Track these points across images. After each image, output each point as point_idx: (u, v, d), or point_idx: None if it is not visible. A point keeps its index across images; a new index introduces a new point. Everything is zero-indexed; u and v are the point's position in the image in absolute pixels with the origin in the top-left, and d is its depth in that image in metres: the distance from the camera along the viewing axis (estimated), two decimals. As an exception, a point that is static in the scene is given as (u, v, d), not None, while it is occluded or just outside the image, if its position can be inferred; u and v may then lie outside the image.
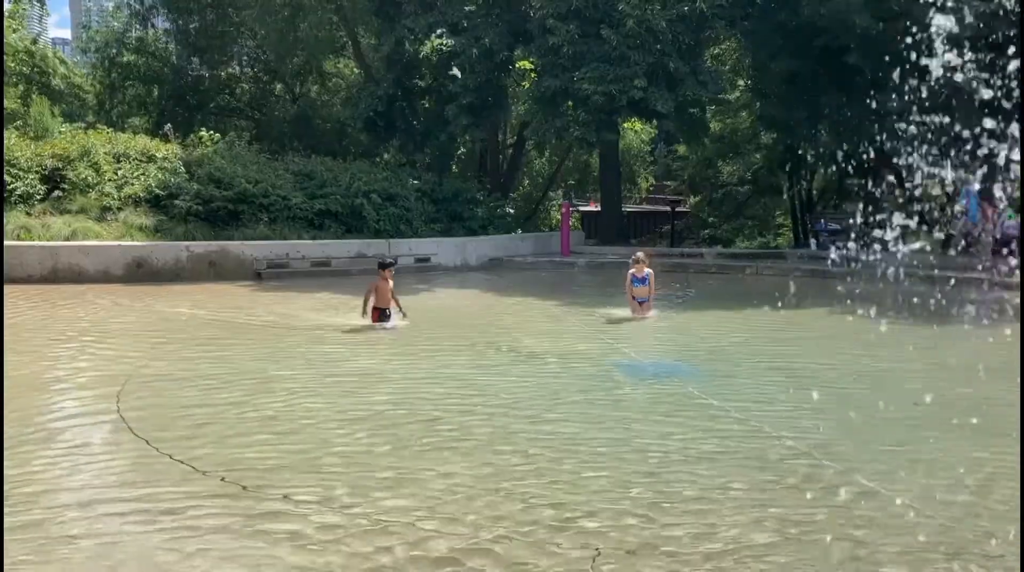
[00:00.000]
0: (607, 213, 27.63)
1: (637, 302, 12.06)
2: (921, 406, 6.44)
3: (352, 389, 7.51)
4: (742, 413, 6.71)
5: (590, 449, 5.78)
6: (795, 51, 21.66)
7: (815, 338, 11.12)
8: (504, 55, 22.81)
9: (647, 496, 4.85)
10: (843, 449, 5.79)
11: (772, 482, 5.11)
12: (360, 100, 25.61)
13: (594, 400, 7.29)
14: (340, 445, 5.78)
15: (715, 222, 37.56)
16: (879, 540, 4.25)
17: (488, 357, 9.22)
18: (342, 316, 11.62)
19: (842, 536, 4.30)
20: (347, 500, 4.71)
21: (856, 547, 4.18)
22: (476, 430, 6.23)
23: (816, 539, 4.26)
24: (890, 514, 4.59)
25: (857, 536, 4.30)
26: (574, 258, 21.55)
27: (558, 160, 35.23)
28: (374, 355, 9.16)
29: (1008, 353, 9.34)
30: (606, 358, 9.28)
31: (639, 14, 19.66)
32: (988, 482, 5.13)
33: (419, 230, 20.34)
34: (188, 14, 29.35)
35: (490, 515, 4.53)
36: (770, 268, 19.93)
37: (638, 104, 20.95)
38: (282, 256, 17.14)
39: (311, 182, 19.68)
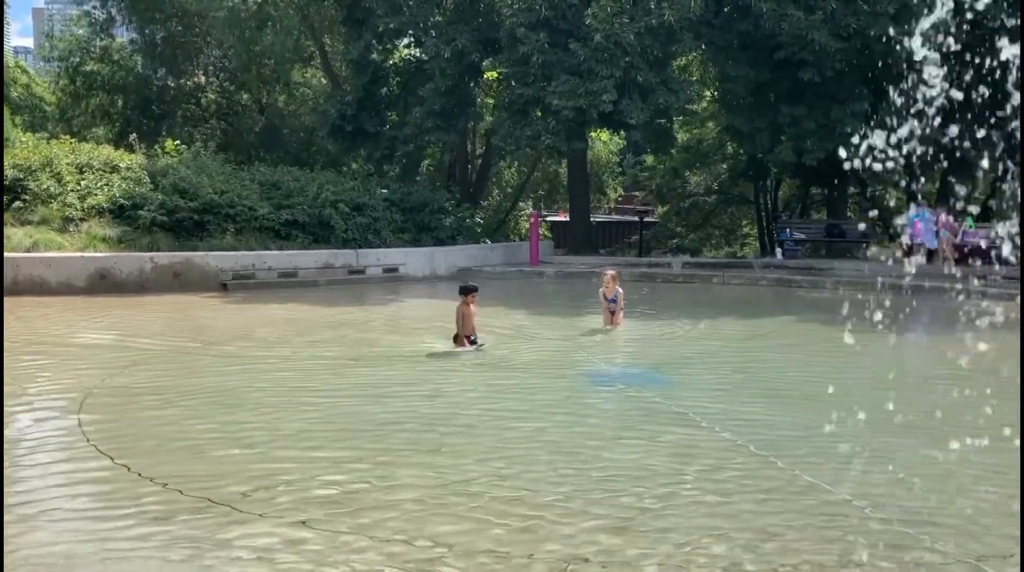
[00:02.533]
0: (576, 223, 27.74)
1: (609, 312, 11.86)
2: (878, 410, 6.53)
3: (318, 403, 7.45)
4: (707, 421, 6.74)
5: (553, 457, 5.77)
6: (756, 63, 22.03)
7: (781, 346, 11.23)
8: (475, 57, 22.87)
9: (613, 502, 4.86)
10: (803, 453, 5.85)
11: (722, 480, 5.15)
12: (328, 106, 25.54)
13: (561, 408, 7.29)
14: (309, 459, 5.73)
15: (682, 232, 37.87)
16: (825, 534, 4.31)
17: (456, 367, 9.20)
18: (299, 331, 11.55)
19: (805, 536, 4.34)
20: (318, 515, 4.66)
21: (821, 546, 4.22)
22: (444, 440, 6.20)
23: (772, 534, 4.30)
24: (845, 516, 4.65)
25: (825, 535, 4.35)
26: (543, 268, 21.60)
27: (527, 170, 35.35)
28: (345, 366, 9.10)
29: (973, 358, 9.51)
30: (574, 367, 9.31)
31: (607, 28, 19.82)
32: (942, 484, 5.21)
33: (387, 240, 20.28)
34: (153, 23, 29.09)
35: (461, 526, 4.51)
36: (736, 277, 20.11)
37: (609, 116, 21.11)
38: (248, 267, 16.99)
39: (278, 192, 19.55)
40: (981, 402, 7.55)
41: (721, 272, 20.91)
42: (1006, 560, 4.16)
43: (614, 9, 19.93)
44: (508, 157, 32.11)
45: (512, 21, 21.05)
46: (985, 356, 10.29)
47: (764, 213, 33.32)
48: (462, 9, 23.85)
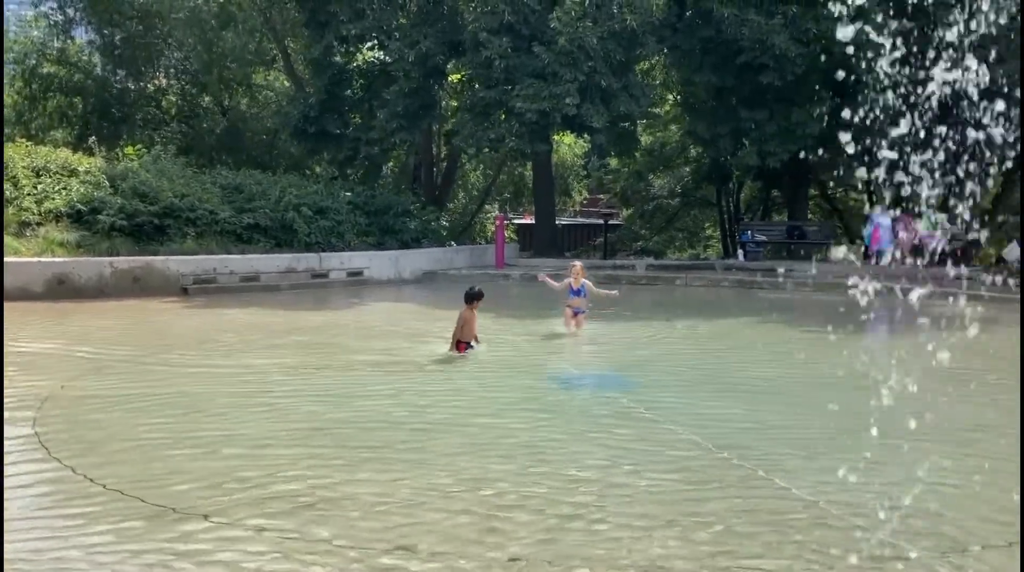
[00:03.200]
0: (541, 225, 27.81)
1: (572, 312, 11.68)
2: (833, 410, 6.63)
3: (277, 406, 7.40)
4: (672, 422, 6.80)
5: (515, 458, 5.79)
6: (717, 67, 22.27)
7: (740, 347, 11.35)
8: (439, 60, 22.85)
9: (575, 501, 4.89)
10: (765, 453, 5.93)
11: (684, 479, 5.21)
12: (290, 108, 25.36)
13: (525, 410, 7.31)
14: (268, 463, 5.69)
15: (647, 234, 38.11)
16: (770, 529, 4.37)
17: (418, 370, 9.18)
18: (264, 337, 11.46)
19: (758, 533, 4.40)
20: (274, 519, 4.64)
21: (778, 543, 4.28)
22: (405, 443, 6.19)
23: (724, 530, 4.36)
24: (800, 512, 4.73)
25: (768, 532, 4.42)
26: (508, 270, 21.62)
27: (493, 173, 35.39)
28: (307, 371, 9.05)
29: (930, 357, 9.67)
30: (539, 368, 9.34)
31: (571, 32, 19.91)
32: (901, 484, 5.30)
33: (351, 243, 20.20)
34: (112, 25, 28.68)
35: (423, 529, 4.51)
36: (699, 279, 20.30)
37: (572, 119, 21.21)
38: (209, 271, 16.83)
39: (240, 195, 19.40)
40: (936, 399, 7.71)
41: (684, 274, 21.09)
42: (965, 554, 4.26)
43: (578, 13, 20.04)
44: (473, 159, 32.15)
45: (475, 26, 21.09)
46: (940, 354, 10.49)
47: (726, 215, 33.66)
48: (426, 12, 23.83)
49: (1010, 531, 4.56)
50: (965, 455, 6.08)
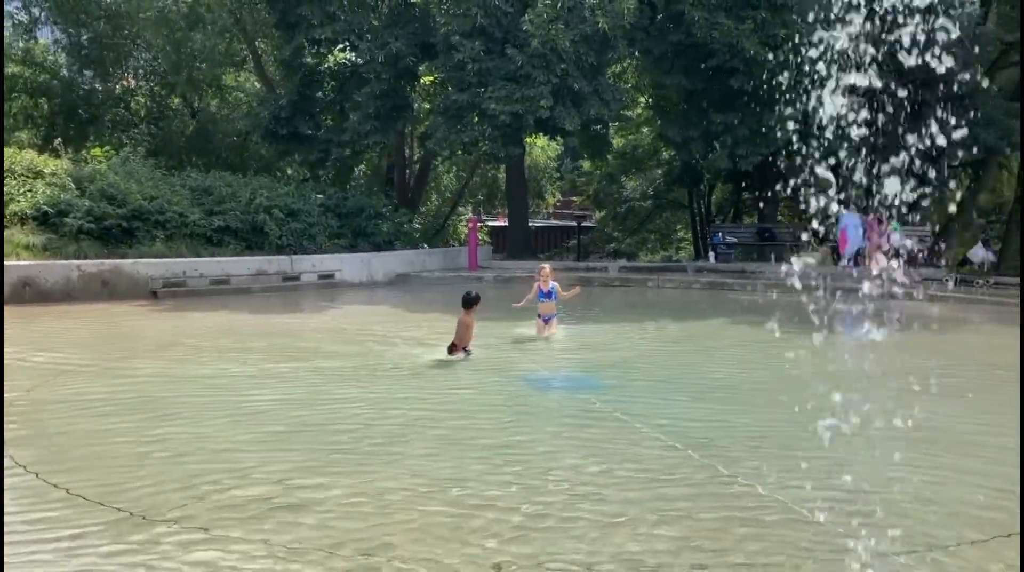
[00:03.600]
0: (514, 227, 27.84)
1: (542, 321, 11.44)
2: (800, 410, 6.69)
3: (247, 410, 7.35)
4: (641, 422, 6.84)
5: (486, 460, 5.79)
6: (688, 71, 22.42)
7: (710, 348, 11.43)
8: (410, 61, 22.80)
9: (544, 502, 4.90)
10: (739, 456, 5.97)
11: (652, 477, 5.24)
12: (261, 109, 25.17)
13: (496, 412, 7.32)
14: (237, 468, 5.65)
15: (619, 236, 38.28)
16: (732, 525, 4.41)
17: (391, 373, 9.15)
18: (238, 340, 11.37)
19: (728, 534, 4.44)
20: (247, 525, 4.60)
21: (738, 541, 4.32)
22: (375, 446, 6.17)
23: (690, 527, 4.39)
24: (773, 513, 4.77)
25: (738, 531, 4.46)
26: (481, 273, 21.61)
27: (466, 175, 35.38)
28: (278, 374, 8.99)
29: (894, 356, 9.80)
30: (511, 371, 9.34)
31: (543, 34, 19.95)
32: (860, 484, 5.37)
33: (323, 246, 20.11)
34: (79, 25, 28.32)
35: (397, 529, 4.50)
36: (671, 281, 20.43)
37: (545, 122, 21.24)
38: (179, 274, 16.67)
39: (210, 198, 19.25)
40: (903, 398, 7.80)
41: (656, 275, 21.21)
42: (946, 550, 4.33)
43: (550, 16, 20.08)
44: (446, 162, 32.11)
45: (447, 28, 21.06)
46: (908, 354, 10.64)
47: (698, 217, 33.88)
48: (397, 14, 23.78)
49: (974, 528, 4.63)
50: (930, 453, 6.16)
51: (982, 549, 4.39)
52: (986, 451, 6.38)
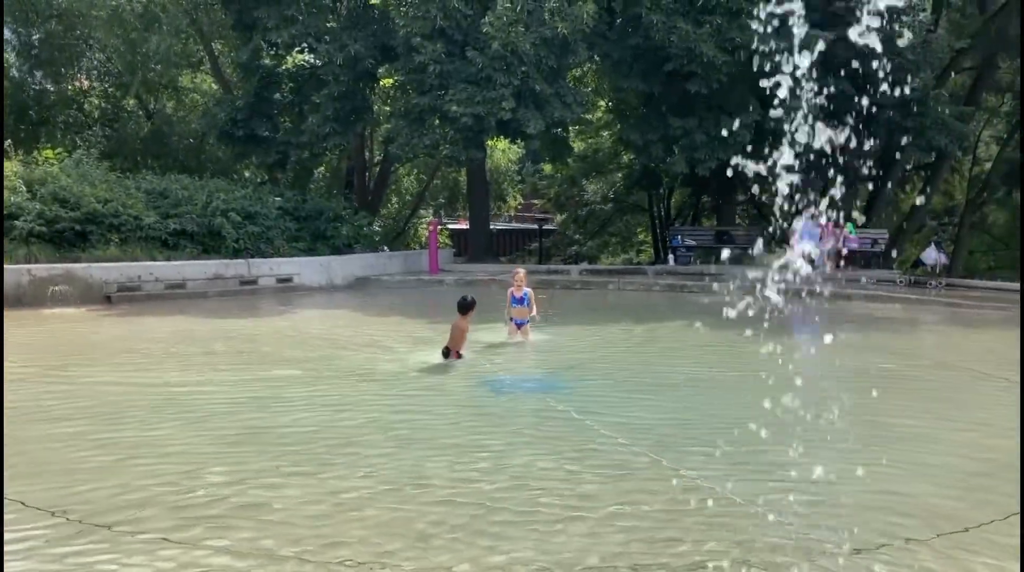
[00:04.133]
0: (476, 231, 27.80)
1: (515, 324, 11.23)
2: (754, 410, 6.76)
3: (202, 415, 7.24)
4: (599, 423, 6.85)
5: (450, 461, 5.76)
6: (647, 75, 22.59)
7: (669, 350, 11.51)
8: (370, 64, 22.67)
9: (505, 500, 4.88)
10: (696, 457, 6.01)
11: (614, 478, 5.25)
12: (218, 111, 24.84)
13: (457, 417, 7.28)
14: (190, 474, 5.55)
15: (581, 239, 38.44)
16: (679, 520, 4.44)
17: (351, 378, 9.07)
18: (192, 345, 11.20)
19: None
20: (200, 533, 4.52)
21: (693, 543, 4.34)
22: (333, 453, 6.11)
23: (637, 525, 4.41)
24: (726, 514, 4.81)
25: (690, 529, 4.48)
26: (442, 276, 21.55)
27: (427, 178, 35.26)
28: (234, 379, 8.87)
29: (849, 356, 9.95)
30: (472, 374, 9.29)
31: (503, 37, 19.96)
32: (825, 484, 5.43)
33: (281, 249, 19.90)
34: (29, 24, 27.71)
35: (354, 531, 4.45)
36: (631, 283, 20.54)
37: (507, 125, 21.24)
38: (134, 278, 16.40)
39: (165, 201, 18.96)
40: (852, 398, 7.92)
41: (617, 278, 21.31)
42: (898, 546, 4.38)
43: (510, 18, 20.10)
44: (407, 164, 31.98)
45: (407, 31, 20.98)
46: (861, 353, 10.81)
47: (658, 221, 34.14)
48: (356, 16, 23.63)
49: (927, 524, 4.70)
50: (882, 449, 6.25)
51: (936, 545, 4.45)
52: (939, 446, 6.48)
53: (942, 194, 36.62)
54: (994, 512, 4.92)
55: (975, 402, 8.18)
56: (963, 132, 23.69)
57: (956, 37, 25.91)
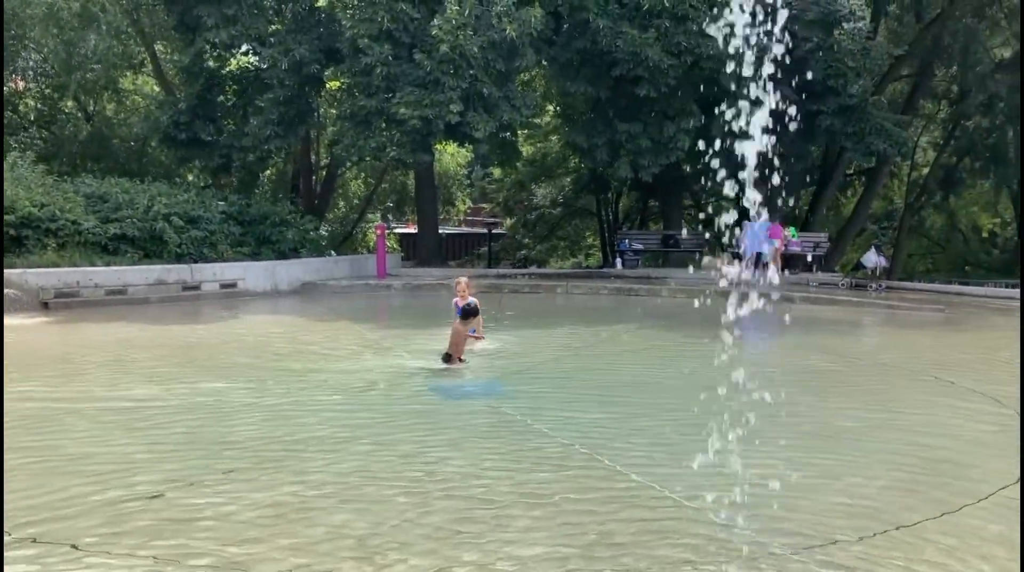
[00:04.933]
0: (424, 235, 27.67)
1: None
2: (699, 411, 6.82)
3: (142, 425, 7.06)
4: (546, 426, 6.84)
5: (395, 469, 5.70)
6: (594, 79, 22.73)
7: (615, 353, 11.57)
8: (315, 68, 22.43)
9: (450, 508, 4.84)
10: (640, 459, 6.03)
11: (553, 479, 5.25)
12: (160, 114, 24.34)
13: (404, 421, 7.21)
14: (129, 481, 5.40)
15: (530, 243, 38.53)
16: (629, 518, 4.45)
17: (294, 385, 8.93)
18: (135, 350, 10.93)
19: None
20: (132, 542, 4.40)
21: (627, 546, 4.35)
22: (273, 457, 6.00)
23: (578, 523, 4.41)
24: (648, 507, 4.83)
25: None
26: (390, 281, 21.40)
27: (374, 181, 35.01)
28: (175, 387, 8.67)
29: (793, 358, 10.09)
30: (419, 379, 9.23)
31: (452, 40, 19.90)
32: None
33: (225, 254, 19.56)
34: (-41, 24, 26.87)
35: (289, 547, 4.37)
36: (579, 287, 20.62)
37: (455, 128, 21.17)
38: (72, 284, 15.96)
39: (105, 205, 18.51)
40: (796, 398, 8.04)
41: (565, 282, 21.38)
42: (836, 545, 4.43)
43: (459, 21, 20.06)
44: (354, 168, 31.71)
45: (353, 32, 20.80)
46: (804, 356, 10.98)
47: (606, 225, 34.38)
48: (300, 19, 23.36)
49: (857, 526, 4.77)
50: (818, 448, 6.35)
51: (871, 542, 4.52)
52: (876, 445, 6.60)
53: (882, 199, 37.51)
54: (929, 510, 5.02)
55: (912, 402, 8.35)
56: (902, 138, 24.26)
57: (894, 45, 26.55)
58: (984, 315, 16.42)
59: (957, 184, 34.62)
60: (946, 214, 38.16)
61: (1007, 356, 11.11)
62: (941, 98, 33.92)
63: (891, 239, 34.96)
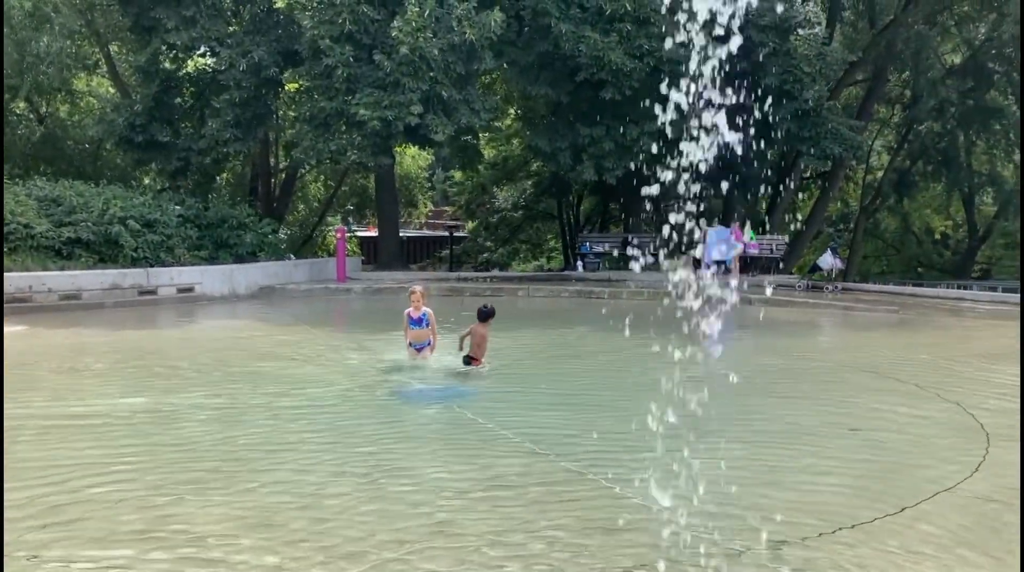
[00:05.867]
0: (385, 238, 27.56)
1: (414, 349, 9.98)
2: (657, 413, 6.88)
3: (95, 432, 6.94)
4: (506, 429, 6.85)
5: (355, 473, 5.67)
6: (556, 83, 22.82)
7: (575, 356, 11.62)
8: (273, 71, 22.24)
9: (404, 519, 4.83)
10: (599, 459, 6.06)
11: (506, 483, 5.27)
12: (115, 116, 23.95)
13: (364, 426, 7.17)
14: (87, 492, 5.31)
15: (492, 246, 38.55)
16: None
17: (251, 391, 8.83)
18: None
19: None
20: (94, 552, 4.33)
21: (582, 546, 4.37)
22: (233, 466, 5.93)
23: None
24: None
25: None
26: (350, 284, 21.28)
27: (334, 184, 34.80)
28: (130, 393, 8.54)
29: (750, 360, 10.21)
30: (379, 384, 9.18)
31: (412, 42, 19.86)
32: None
33: (182, 258, 19.31)
34: (-94, 22, 26.21)
35: (250, 549, 4.33)
36: (540, 290, 20.69)
37: (415, 131, 21.11)
38: (24, 289, 15.66)
39: (59, 208, 18.18)
40: (752, 398, 8.14)
41: (527, 285, 21.43)
42: (803, 543, 4.49)
43: (419, 23, 20.02)
44: (313, 170, 31.50)
45: (314, 33, 20.66)
46: (761, 356, 11.12)
47: (567, 227, 34.50)
48: (258, 20, 23.15)
49: (809, 524, 4.84)
50: (775, 449, 6.43)
51: (824, 540, 4.59)
52: (830, 443, 6.70)
53: (837, 202, 38.14)
54: (881, 508, 5.11)
55: (865, 401, 8.49)
56: (856, 142, 24.69)
57: (849, 50, 27.01)
58: (936, 316, 16.76)
59: (910, 187, 35.37)
60: (900, 216, 38.93)
61: (958, 355, 11.37)
62: (894, 103, 34.61)
63: (847, 241, 35.59)
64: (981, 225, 37.88)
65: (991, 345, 12.59)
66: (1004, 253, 39.64)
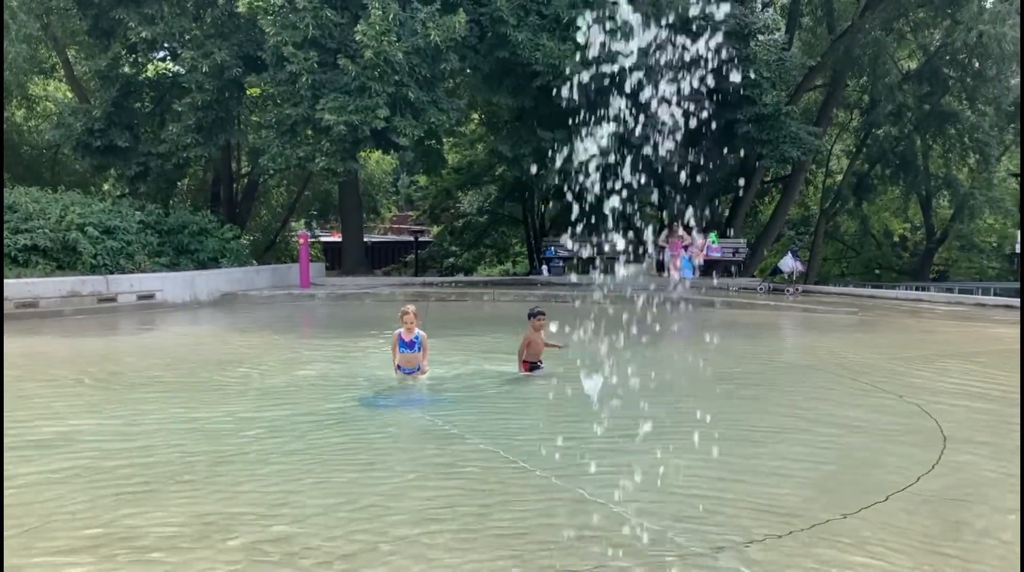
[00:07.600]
0: (350, 243, 27.38)
1: (403, 373, 9.38)
2: (623, 415, 6.93)
3: (52, 444, 6.83)
4: (473, 434, 6.85)
5: (319, 480, 5.63)
6: (515, 89, 22.86)
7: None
8: (236, 73, 22.00)
9: (373, 526, 4.81)
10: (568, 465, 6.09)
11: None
12: (73, 121, 23.54)
13: (330, 433, 7.13)
14: (49, 504, 5.22)
15: (457, 251, 38.50)
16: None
17: (217, 399, 8.74)
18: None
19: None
20: (49, 559, 4.27)
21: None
22: (198, 475, 5.87)
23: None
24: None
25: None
26: (314, 290, 21.15)
27: (297, 189, 34.55)
28: (87, 403, 8.41)
29: (715, 359, 10.31)
30: (345, 390, 9.13)
31: (376, 45, 19.77)
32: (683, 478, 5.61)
33: (142, 264, 19.05)
34: None
35: (210, 560, 4.29)
36: (506, 294, 20.71)
37: (382, 134, 21.01)
38: (-22, 298, 15.35)
39: (14, 215, 17.86)
40: (714, 401, 8.22)
41: (492, 290, 21.44)
42: (763, 544, 4.54)
43: (382, 27, 19.94)
44: (276, 175, 31.24)
45: (277, 40, 20.48)
46: (724, 358, 11.22)
47: (532, 232, 34.56)
48: (221, 23, 22.93)
49: (772, 523, 4.91)
50: (737, 451, 6.50)
51: (787, 540, 4.65)
52: (791, 444, 6.78)
53: (798, 205, 38.64)
54: (843, 506, 5.19)
55: (827, 401, 8.61)
56: (814, 145, 25.04)
57: (808, 56, 27.41)
58: (895, 316, 17.04)
59: (869, 190, 35.96)
60: (859, 219, 39.54)
61: (917, 356, 11.57)
62: (853, 107, 35.17)
63: (807, 244, 36.05)
64: (938, 227, 38.61)
65: (949, 346, 12.84)
66: (960, 255, 40.47)
